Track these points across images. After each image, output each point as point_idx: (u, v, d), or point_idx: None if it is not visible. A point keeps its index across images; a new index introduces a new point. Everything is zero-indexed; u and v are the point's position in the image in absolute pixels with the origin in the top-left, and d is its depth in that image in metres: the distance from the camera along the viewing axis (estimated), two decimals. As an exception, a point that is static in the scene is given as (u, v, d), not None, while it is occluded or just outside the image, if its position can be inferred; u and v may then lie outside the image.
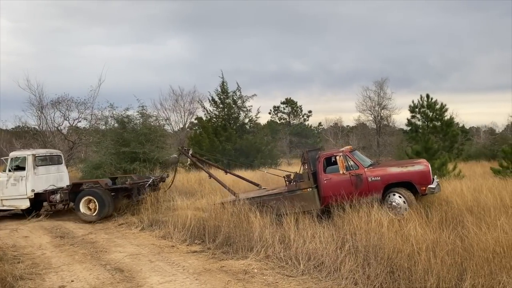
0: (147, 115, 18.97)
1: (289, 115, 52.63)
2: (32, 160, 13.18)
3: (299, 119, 52.58)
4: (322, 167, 9.84)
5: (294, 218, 8.54)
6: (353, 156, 9.76)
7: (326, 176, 9.70)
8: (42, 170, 13.55)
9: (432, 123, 27.11)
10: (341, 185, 9.41)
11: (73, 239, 10.16)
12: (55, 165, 14.26)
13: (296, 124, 51.21)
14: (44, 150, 14.54)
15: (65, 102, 19.03)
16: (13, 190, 13.11)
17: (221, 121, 28.41)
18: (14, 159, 13.34)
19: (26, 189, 13.04)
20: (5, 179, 13.23)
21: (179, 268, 7.44)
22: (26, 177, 13.07)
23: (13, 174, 13.17)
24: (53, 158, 14.32)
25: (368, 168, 9.56)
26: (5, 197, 13.19)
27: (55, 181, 13.98)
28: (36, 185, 13.15)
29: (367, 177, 9.37)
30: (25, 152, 13.56)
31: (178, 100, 37.26)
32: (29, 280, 6.95)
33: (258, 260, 7.43)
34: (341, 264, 6.54)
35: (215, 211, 9.85)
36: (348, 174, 9.46)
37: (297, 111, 52.61)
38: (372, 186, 9.31)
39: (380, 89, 38.51)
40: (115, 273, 7.22)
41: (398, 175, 9.28)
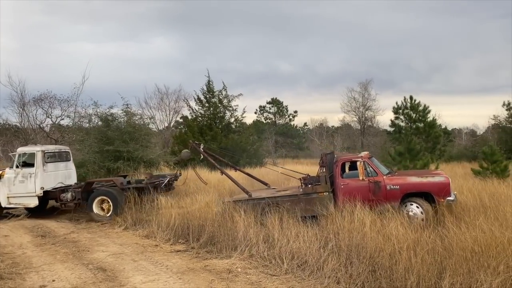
0: (131, 113, 18.73)
1: (275, 115, 52.75)
2: (41, 157, 12.65)
3: (285, 119, 52.76)
4: (339, 171, 9.75)
5: (278, 217, 8.58)
6: (372, 163, 9.70)
7: (343, 181, 9.60)
8: (51, 167, 13.02)
9: (415, 124, 27.55)
10: (358, 191, 9.29)
11: (54, 238, 10.02)
12: (63, 162, 13.77)
13: (281, 124, 51.36)
14: (53, 146, 14.12)
15: (48, 99, 18.75)
16: (21, 188, 12.59)
17: (206, 120, 28.31)
18: (21, 155, 12.79)
19: (35, 186, 12.50)
20: (12, 176, 12.68)
21: (162, 267, 7.41)
22: (35, 174, 12.54)
23: (21, 171, 12.63)
24: (62, 155, 13.84)
25: (387, 176, 9.52)
26: (13, 194, 12.67)
27: (63, 178, 13.51)
28: (45, 183, 12.64)
29: (385, 185, 9.29)
30: (34, 148, 13.04)
31: (163, 99, 37.05)
32: (9, 279, 6.84)
33: (242, 260, 7.44)
34: (324, 263, 6.61)
35: (199, 210, 9.84)
36: (367, 181, 9.39)
37: (283, 111, 52.78)
38: (390, 194, 9.23)
39: (365, 90, 38.99)
40: (97, 273, 7.16)
41: (417, 185, 9.22)
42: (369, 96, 39.22)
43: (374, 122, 39.71)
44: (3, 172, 12.78)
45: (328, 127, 52.46)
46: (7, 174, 12.76)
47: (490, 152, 16.04)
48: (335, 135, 42.52)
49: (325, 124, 53.68)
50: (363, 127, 39.17)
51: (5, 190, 12.64)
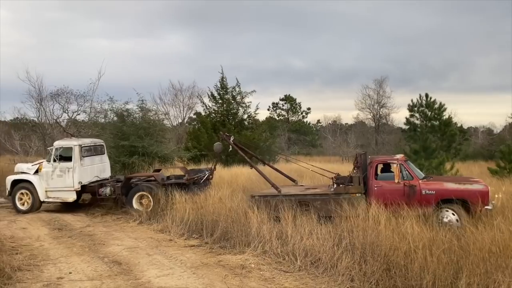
0: (146, 109, 18.96)
1: (288, 111, 52.60)
2: (78, 151, 12.50)
3: (298, 116, 52.56)
4: (373, 173, 9.59)
5: (292, 214, 8.57)
6: (408, 166, 9.52)
7: (377, 183, 9.44)
8: (87, 161, 12.86)
9: (430, 123, 27.13)
10: (392, 193, 9.11)
11: (71, 231, 10.18)
12: (98, 156, 13.60)
13: (294, 121, 51.19)
14: (89, 140, 13.93)
15: (65, 94, 18.98)
16: (59, 182, 12.47)
17: (219, 117, 28.34)
18: (58, 149, 12.67)
19: (73, 181, 12.38)
20: (50, 170, 12.56)
21: (176, 261, 7.48)
22: (73, 169, 12.40)
23: (59, 165, 12.49)
24: (97, 148, 13.66)
25: (422, 181, 9.33)
26: (51, 188, 12.57)
27: (98, 172, 13.38)
28: (82, 177, 12.53)
29: (421, 189, 9.09)
30: (71, 142, 12.90)
31: (178, 95, 37.22)
32: (27, 271, 6.98)
33: (255, 256, 7.47)
34: (338, 260, 6.60)
35: (213, 205, 9.88)
36: (402, 184, 9.19)
37: (296, 108, 52.58)
38: (425, 199, 9.01)
39: (380, 87, 38.62)
40: (113, 266, 7.26)
41: (455, 192, 8.94)
42: (384, 94, 38.88)
43: (388, 119, 39.36)
44: (41, 166, 12.72)
45: (342, 125, 52.15)
46: (44, 168, 12.65)
47: (508, 151, 15.78)
48: (348, 133, 42.25)
49: (338, 122, 53.39)
50: (377, 125, 38.82)
51: (43, 184, 12.59)
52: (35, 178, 12.63)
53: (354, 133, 40.21)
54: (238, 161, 24.78)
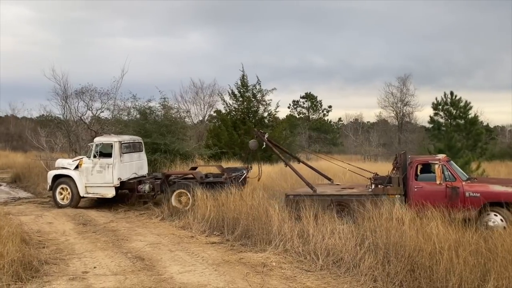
0: (168, 107, 19.20)
1: (309, 109, 52.27)
2: (118, 147, 12.58)
3: (319, 114, 52.18)
4: (413, 173, 9.28)
5: (313, 213, 8.51)
6: (450, 167, 9.18)
7: (417, 184, 9.14)
8: (126, 157, 12.95)
9: (455, 121, 26.54)
10: (433, 195, 8.81)
11: (95, 226, 10.38)
12: (137, 153, 13.72)
13: (315, 119, 50.84)
14: (128, 137, 13.98)
15: (89, 92, 19.25)
16: (98, 178, 12.60)
17: (240, 115, 28.42)
18: (98, 145, 12.79)
19: (113, 177, 12.47)
20: (90, 166, 12.70)
21: (198, 258, 7.53)
22: (113, 165, 12.50)
23: (99, 161, 12.62)
24: (135, 145, 13.77)
25: (466, 182, 8.97)
26: (90, 184, 12.71)
27: (137, 169, 13.46)
28: (122, 173, 12.61)
29: (464, 191, 8.74)
30: (112, 138, 12.99)
31: (198, 93, 37.41)
32: (53, 265, 7.15)
33: (277, 254, 7.46)
34: (360, 260, 6.52)
35: (234, 203, 9.90)
36: (443, 185, 8.87)
37: (317, 105, 52.20)
38: (468, 201, 8.62)
39: (403, 85, 37.95)
40: (136, 261, 7.36)
41: (502, 195, 8.47)
42: (408, 91, 38.20)
43: (412, 118, 38.68)
44: (81, 162, 12.90)
45: (364, 123, 51.54)
46: (84, 164, 12.80)
47: (537, 151, 15.24)
48: (370, 131, 41.71)
49: (360, 120, 52.77)
50: (400, 123, 38.20)
51: (83, 180, 12.73)
52: (75, 173, 12.80)
53: (376, 132, 39.68)
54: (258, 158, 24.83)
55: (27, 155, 27.05)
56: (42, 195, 15.78)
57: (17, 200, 14.95)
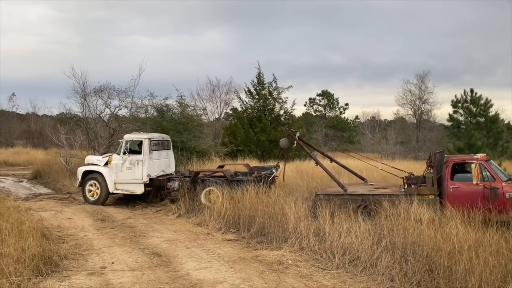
0: (185, 104, 19.30)
1: (325, 107, 51.89)
2: (148, 144, 12.68)
3: (335, 112, 51.75)
4: (449, 173, 8.96)
5: (329, 211, 8.46)
6: (489, 166, 8.84)
7: (453, 184, 8.84)
8: (155, 155, 13.04)
9: (475, 119, 26.05)
10: (469, 196, 8.47)
11: (113, 222, 10.53)
12: (165, 150, 13.77)
13: (332, 117, 50.44)
14: (157, 135, 14.08)
15: (107, 90, 19.53)
16: (128, 174, 12.67)
17: (256, 112, 28.39)
18: (128, 142, 12.87)
19: (142, 174, 12.53)
20: (120, 162, 12.78)
21: (214, 255, 7.57)
22: (142, 162, 12.56)
23: (128, 158, 12.69)
24: (164, 143, 13.84)
25: (507, 183, 8.58)
26: (120, 180, 12.78)
27: (165, 166, 13.52)
28: (151, 170, 12.68)
29: (504, 192, 8.37)
30: (141, 135, 13.12)
31: (215, 91, 37.52)
32: (73, 260, 7.28)
33: (293, 252, 7.45)
34: (377, 259, 6.46)
35: (250, 200, 9.90)
36: (481, 186, 8.53)
37: (333, 103, 51.76)
38: (509, 203, 8.27)
39: (422, 82, 37.28)
40: (153, 257, 7.45)
41: None
42: (426, 89, 37.54)
43: (430, 116, 38.03)
44: (111, 158, 13.04)
45: (381, 121, 50.96)
46: (114, 160, 12.89)
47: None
48: (388, 129, 41.18)
49: (377, 118, 52.17)
50: (418, 121, 37.61)
51: (113, 176, 12.83)
52: (105, 169, 12.91)
53: (393, 130, 39.15)
54: (274, 156, 24.83)
55: (47, 152, 27.60)
56: (62, 191, 16.10)
57: (38, 196, 15.27)
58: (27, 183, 19.52)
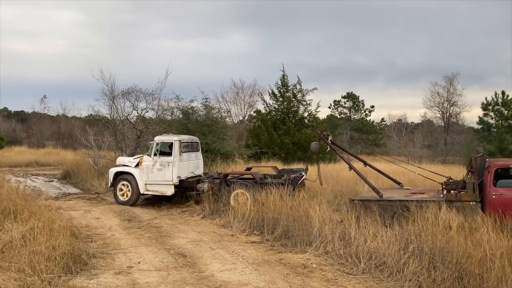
0: (210, 107, 19.48)
1: (350, 109, 51.34)
2: (178, 146, 12.81)
3: (361, 114, 51.11)
4: (492, 178, 8.48)
5: (355, 215, 8.36)
6: None
7: (496, 190, 8.34)
8: (185, 156, 13.19)
9: (507, 122, 25.20)
10: None
11: (139, 222, 10.72)
12: (194, 152, 13.93)
13: (357, 119, 49.85)
14: (187, 137, 14.27)
15: (134, 92, 19.91)
16: (158, 176, 12.84)
17: (280, 115, 28.36)
18: (159, 144, 13.08)
19: (172, 175, 12.66)
20: (150, 164, 12.97)
21: (238, 257, 7.60)
22: (172, 163, 12.71)
23: (159, 159, 12.85)
24: (193, 145, 14.01)
25: None
26: (150, 181, 12.96)
27: (194, 168, 13.69)
28: (181, 172, 12.82)
29: None
30: (172, 137, 13.29)
31: (239, 93, 37.72)
32: (100, 258, 7.45)
33: (317, 256, 7.39)
34: (404, 265, 6.34)
35: (274, 203, 9.88)
36: None
37: (359, 105, 51.15)
38: None
39: (450, 84, 36.36)
40: (178, 258, 7.53)
41: None
42: (455, 91, 36.60)
43: (459, 118, 37.05)
44: (142, 159, 13.26)
45: (408, 123, 49.94)
46: (145, 162, 13.07)
47: None
48: (415, 132, 40.35)
49: (404, 120, 51.17)
50: (447, 124, 36.70)
51: (143, 177, 13.01)
52: (136, 171, 13.11)
53: (421, 133, 38.31)
54: (298, 159, 24.71)
55: (76, 152, 28.39)
56: (90, 191, 16.49)
57: (67, 195, 15.70)
58: (57, 182, 20.12)
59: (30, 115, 50.60)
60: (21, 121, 51.91)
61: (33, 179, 20.99)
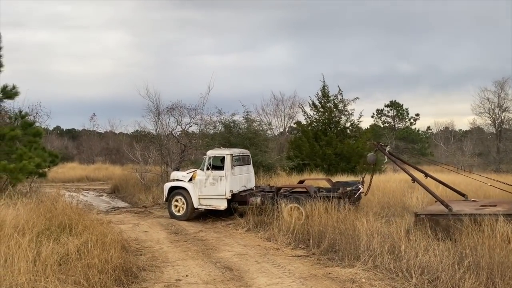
0: (251, 120, 19.68)
1: (394, 118, 50.06)
2: (230, 160, 12.88)
3: (405, 122, 49.72)
4: None
5: (405, 228, 8.09)
6: None
7: None
8: (237, 170, 13.26)
9: None
10: None
11: (186, 236, 10.91)
12: (245, 166, 14.00)
13: (401, 128, 48.51)
14: (238, 150, 14.35)
15: (178, 108, 20.54)
16: (211, 190, 12.92)
17: (321, 125, 28.08)
18: (211, 158, 13.21)
19: (225, 189, 12.74)
20: (203, 178, 13.09)
21: (285, 271, 7.54)
22: (225, 177, 12.81)
23: (212, 173, 12.97)
24: (245, 158, 14.08)
25: None
26: (204, 196, 13.07)
27: (246, 181, 13.72)
28: (233, 186, 12.89)
29: None
30: (224, 151, 13.37)
31: (279, 105, 37.84)
32: (150, 271, 7.63)
33: (366, 270, 7.19)
34: (460, 280, 6.05)
35: (319, 216, 9.75)
36: None
37: (403, 114, 49.79)
38: None
39: (501, 89, 34.66)
40: (224, 271, 7.58)
41: None
42: (506, 96, 34.83)
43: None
44: (195, 174, 13.30)
45: (455, 131, 47.97)
46: (198, 176, 13.19)
47: None
48: (464, 140, 38.65)
49: (451, 128, 49.18)
50: (498, 131, 34.90)
51: (197, 192, 13.12)
52: (189, 185, 13.23)
53: (470, 141, 36.64)
54: (341, 170, 24.33)
55: (124, 167, 29.42)
56: (138, 205, 17.01)
57: (116, 209, 16.28)
58: (106, 197, 20.93)
59: (81, 132, 53.26)
60: (72, 139, 54.63)
61: (84, 194, 21.95)
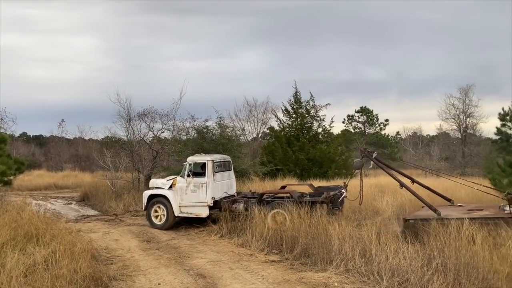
0: (224, 126, 19.67)
1: (364, 124, 51.13)
2: (211, 166, 12.56)
3: (375, 128, 50.86)
4: None
5: (375, 231, 8.24)
6: None
7: None
8: (218, 176, 12.95)
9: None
10: None
11: (158, 243, 10.74)
12: (227, 171, 13.69)
13: (371, 134, 49.59)
14: (220, 156, 14.04)
15: (150, 114, 20.24)
16: (192, 197, 12.55)
17: (294, 131, 28.37)
18: (191, 164, 12.82)
19: (207, 196, 12.42)
20: (184, 185, 12.70)
21: (258, 277, 7.54)
22: (206, 184, 12.46)
23: (193, 180, 12.60)
24: (226, 164, 13.78)
25: None
26: (185, 203, 12.67)
27: (227, 188, 13.42)
28: (215, 192, 12.58)
29: None
30: (205, 157, 13.06)
31: (252, 111, 37.95)
32: (121, 281, 7.48)
33: (338, 274, 7.29)
34: (428, 282, 6.21)
35: (292, 221, 9.82)
36: None
37: (373, 119, 50.94)
38: None
39: (465, 96, 35.94)
40: (198, 279, 7.51)
41: None
42: (471, 102, 36.17)
43: (476, 130, 36.49)
44: (175, 181, 12.91)
45: (423, 136, 49.39)
46: (179, 183, 12.80)
47: None
48: (431, 145, 39.84)
49: (419, 133, 50.62)
50: (464, 136, 36.17)
51: (177, 199, 12.72)
52: (170, 193, 12.82)
53: (437, 145, 37.81)
54: (313, 175, 24.59)
55: (94, 174, 28.73)
56: (108, 212, 16.63)
57: (86, 217, 15.86)
58: (75, 205, 20.35)
59: (48, 139, 51.64)
60: (40, 145, 52.92)
61: (52, 202, 21.26)
